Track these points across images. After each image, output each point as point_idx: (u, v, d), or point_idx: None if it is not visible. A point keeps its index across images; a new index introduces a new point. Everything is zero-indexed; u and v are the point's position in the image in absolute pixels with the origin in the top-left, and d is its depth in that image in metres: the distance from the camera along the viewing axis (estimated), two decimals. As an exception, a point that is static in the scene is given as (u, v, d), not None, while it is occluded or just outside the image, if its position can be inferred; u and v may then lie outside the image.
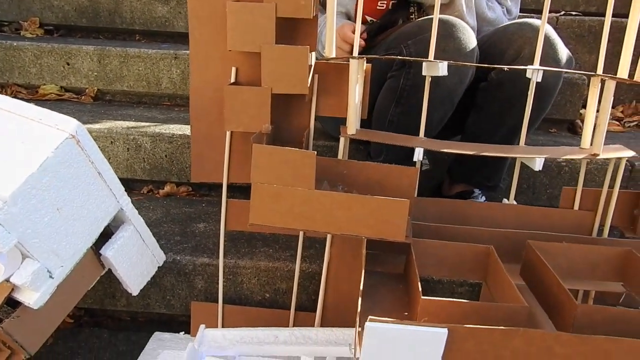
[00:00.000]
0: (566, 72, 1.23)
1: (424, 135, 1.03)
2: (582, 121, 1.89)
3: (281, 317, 1.11)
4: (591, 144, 0.99)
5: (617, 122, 1.86)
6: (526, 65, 1.01)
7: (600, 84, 0.97)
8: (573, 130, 1.78)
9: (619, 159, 0.96)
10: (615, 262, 0.92)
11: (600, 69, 0.96)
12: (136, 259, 1.02)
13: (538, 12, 1.85)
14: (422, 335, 0.66)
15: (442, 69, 0.95)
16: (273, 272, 1.13)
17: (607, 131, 1.86)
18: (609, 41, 0.95)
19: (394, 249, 0.96)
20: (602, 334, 0.68)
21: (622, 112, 1.96)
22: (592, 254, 0.92)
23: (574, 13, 2.11)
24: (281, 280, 1.14)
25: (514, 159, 1.09)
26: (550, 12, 1.91)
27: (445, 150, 0.97)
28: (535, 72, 0.98)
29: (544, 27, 0.98)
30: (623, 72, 0.94)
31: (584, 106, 1.92)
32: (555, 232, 1.01)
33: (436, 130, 1.23)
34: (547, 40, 1.14)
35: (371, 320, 0.66)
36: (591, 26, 1.94)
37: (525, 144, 1.05)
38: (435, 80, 1.08)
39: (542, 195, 1.47)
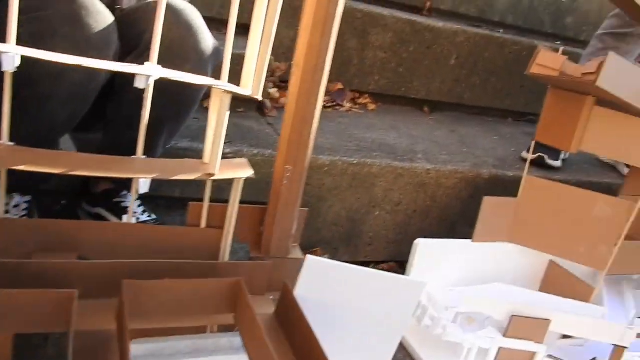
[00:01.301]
0: (193, 84, 1.10)
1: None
2: (271, 101, 1.89)
3: None
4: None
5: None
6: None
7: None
8: (262, 111, 1.73)
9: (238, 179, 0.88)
10: (227, 294, 0.84)
11: (225, 78, 0.85)
12: None
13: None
14: None
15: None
16: None
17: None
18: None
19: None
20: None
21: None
22: (202, 288, 0.83)
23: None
24: None
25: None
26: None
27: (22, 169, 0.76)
28: (144, 78, 0.82)
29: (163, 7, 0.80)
30: (246, 83, 0.84)
31: (276, 86, 1.88)
32: (183, 254, 0.91)
33: (65, 128, 1.01)
34: (188, 26, 0.99)
35: None
36: None
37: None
38: (58, 72, 0.86)
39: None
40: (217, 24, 1.77)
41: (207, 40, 1.03)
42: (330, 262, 0.83)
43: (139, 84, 0.79)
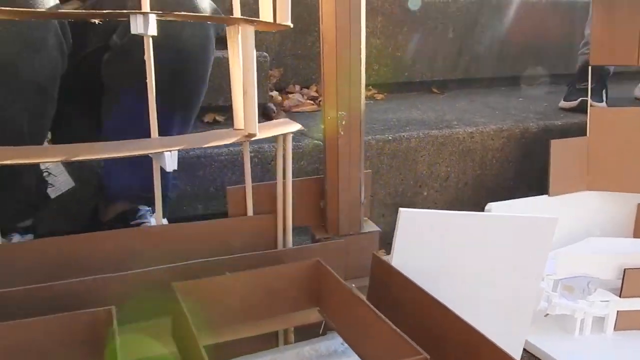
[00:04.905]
0: (195, 18, 0.89)
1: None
2: (275, 104, 1.72)
3: None
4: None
5: (312, 102, 1.70)
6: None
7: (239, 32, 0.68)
8: (267, 116, 1.56)
9: (285, 136, 0.69)
10: (306, 281, 0.64)
11: (237, 12, 0.68)
12: None
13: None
14: None
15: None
16: None
17: (303, 112, 1.72)
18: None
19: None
20: None
21: (316, 91, 1.83)
22: (273, 279, 0.62)
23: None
24: None
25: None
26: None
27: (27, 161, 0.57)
28: (144, 20, 0.63)
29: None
30: (265, 14, 0.66)
31: (275, 89, 1.72)
32: (230, 251, 0.71)
33: (37, 131, 0.81)
34: None
35: None
36: None
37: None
38: None
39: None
40: None
41: (204, 1, 0.86)
42: (432, 212, 0.64)
43: (135, 28, 0.61)
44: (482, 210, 1.16)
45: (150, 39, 0.64)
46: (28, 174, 0.87)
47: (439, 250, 0.63)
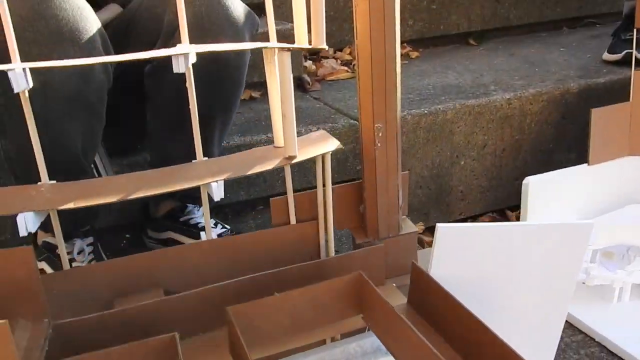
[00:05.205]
0: (232, 50, 0.91)
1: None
2: (309, 74, 1.72)
3: None
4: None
5: (347, 68, 1.69)
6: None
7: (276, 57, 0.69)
8: (302, 88, 1.57)
9: (324, 155, 0.72)
10: (349, 293, 0.69)
11: (273, 39, 0.69)
12: None
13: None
14: None
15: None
16: None
17: (337, 80, 1.71)
18: None
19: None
20: None
21: (349, 53, 1.81)
22: (320, 294, 0.67)
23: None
24: None
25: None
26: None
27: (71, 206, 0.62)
28: (183, 58, 0.66)
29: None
30: (300, 39, 0.67)
31: (309, 57, 1.71)
32: (278, 259, 0.76)
33: (89, 148, 0.86)
34: None
35: None
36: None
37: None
38: (45, 82, 0.71)
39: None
40: None
41: (236, 5, 0.87)
42: (468, 226, 0.66)
43: (177, 68, 0.64)
44: (523, 177, 1.16)
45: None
46: None
47: (475, 261, 0.66)
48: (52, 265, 0.96)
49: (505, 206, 1.40)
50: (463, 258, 0.66)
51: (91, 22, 0.75)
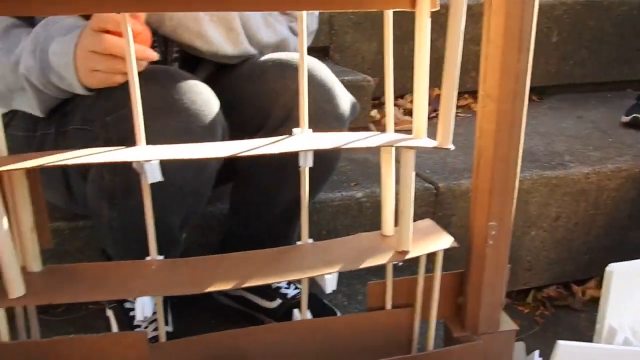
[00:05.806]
0: (344, 147, 0.92)
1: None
2: (375, 125, 1.70)
3: None
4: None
5: (410, 119, 1.67)
6: (296, 127, 0.68)
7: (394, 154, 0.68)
8: (367, 137, 1.55)
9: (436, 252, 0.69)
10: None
11: (390, 131, 0.67)
12: None
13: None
14: None
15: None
16: None
17: (402, 130, 1.70)
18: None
19: None
20: None
21: (411, 101, 1.79)
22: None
23: None
24: None
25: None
26: None
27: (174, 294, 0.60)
28: (304, 155, 0.65)
29: (305, 82, 0.64)
30: (419, 132, 0.66)
31: (375, 106, 1.70)
32: (369, 343, 0.73)
33: (185, 224, 0.86)
34: (322, 90, 0.82)
35: None
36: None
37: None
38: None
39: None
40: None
41: (343, 99, 0.86)
42: (589, 346, 0.63)
43: (302, 163, 0.63)
44: (593, 252, 1.12)
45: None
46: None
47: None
48: (118, 321, 0.95)
49: (572, 280, 1.36)
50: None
51: (218, 116, 0.75)
